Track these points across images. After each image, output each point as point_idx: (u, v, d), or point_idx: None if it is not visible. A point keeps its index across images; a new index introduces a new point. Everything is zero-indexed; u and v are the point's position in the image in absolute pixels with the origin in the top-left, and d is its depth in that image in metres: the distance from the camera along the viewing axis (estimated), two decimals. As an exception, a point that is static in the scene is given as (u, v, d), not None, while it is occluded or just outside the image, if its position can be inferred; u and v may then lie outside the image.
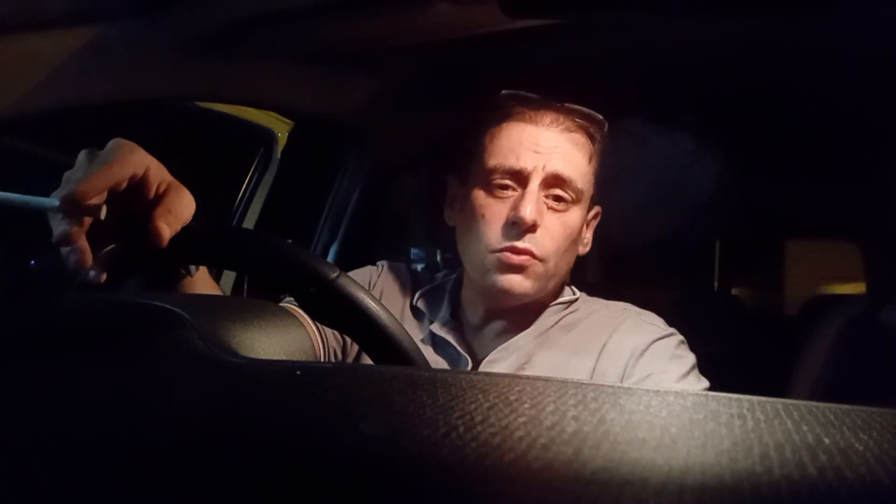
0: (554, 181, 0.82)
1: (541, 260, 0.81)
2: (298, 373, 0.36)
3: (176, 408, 0.31)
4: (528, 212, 0.79)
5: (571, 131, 0.84)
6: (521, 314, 0.86)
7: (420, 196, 1.64)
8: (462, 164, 0.90)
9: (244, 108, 1.35)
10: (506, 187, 0.82)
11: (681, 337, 0.84)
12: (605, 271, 1.64)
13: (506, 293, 0.81)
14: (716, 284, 2.52)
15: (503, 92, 0.87)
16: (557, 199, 0.82)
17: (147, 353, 0.40)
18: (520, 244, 0.80)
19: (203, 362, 0.38)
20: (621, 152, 0.92)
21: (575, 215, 0.84)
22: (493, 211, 0.82)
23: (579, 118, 0.85)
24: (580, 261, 0.91)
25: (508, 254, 0.80)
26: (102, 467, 0.26)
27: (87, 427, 0.29)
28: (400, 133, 1.41)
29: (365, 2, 0.88)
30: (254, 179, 1.47)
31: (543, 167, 0.81)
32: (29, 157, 1.10)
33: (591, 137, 0.86)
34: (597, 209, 0.91)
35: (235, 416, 0.30)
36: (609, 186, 0.90)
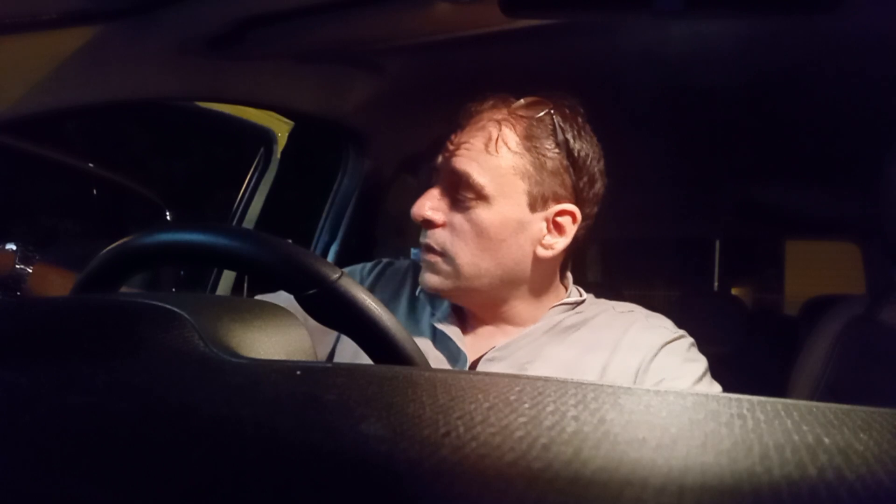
0: (454, 178, 0.82)
1: (442, 256, 0.83)
2: (298, 373, 0.36)
3: (176, 408, 0.31)
4: (415, 208, 0.83)
5: (485, 128, 0.82)
6: (522, 313, 0.86)
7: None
8: None
9: (244, 108, 1.35)
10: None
11: (691, 339, 0.84)
12: (605, 271, 1.63)
13: (424, 288, 0.85)
14: (716, 284, 2.53)
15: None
16: (461, 197, 0.82)
17: (147, 353, 0.40)
18: (422, 239, 0.85)
19: (203, 362, 0.38)
20: (619, 151, 0.91)
21: (484, 213, 0.81)
22: None
23: (508, 112, 0.82)
24: (580, 261, 0.90)
25: (422, 252, 0.85)
26: (102, 467, 0.26)
27: (86, 427, 0.29)
28: (400, 133, 1.41)
29: (365, 2, 0.88)
30: (254, 179, 1.47)
31: (446, 165, 0.83)
32: (29, 157, 1.10)
33: (515, 130, 0.81)
34: (567, 208, 0.83)
35: (235, 416, 0.30)
36: (607, 185, 0.89)
